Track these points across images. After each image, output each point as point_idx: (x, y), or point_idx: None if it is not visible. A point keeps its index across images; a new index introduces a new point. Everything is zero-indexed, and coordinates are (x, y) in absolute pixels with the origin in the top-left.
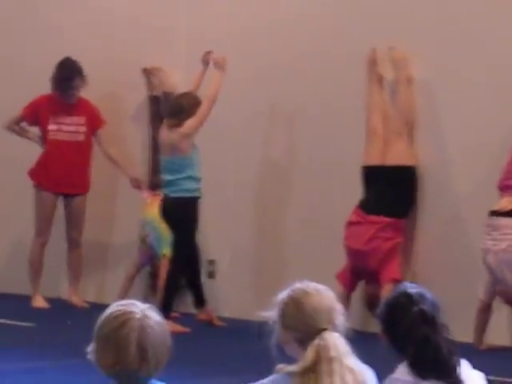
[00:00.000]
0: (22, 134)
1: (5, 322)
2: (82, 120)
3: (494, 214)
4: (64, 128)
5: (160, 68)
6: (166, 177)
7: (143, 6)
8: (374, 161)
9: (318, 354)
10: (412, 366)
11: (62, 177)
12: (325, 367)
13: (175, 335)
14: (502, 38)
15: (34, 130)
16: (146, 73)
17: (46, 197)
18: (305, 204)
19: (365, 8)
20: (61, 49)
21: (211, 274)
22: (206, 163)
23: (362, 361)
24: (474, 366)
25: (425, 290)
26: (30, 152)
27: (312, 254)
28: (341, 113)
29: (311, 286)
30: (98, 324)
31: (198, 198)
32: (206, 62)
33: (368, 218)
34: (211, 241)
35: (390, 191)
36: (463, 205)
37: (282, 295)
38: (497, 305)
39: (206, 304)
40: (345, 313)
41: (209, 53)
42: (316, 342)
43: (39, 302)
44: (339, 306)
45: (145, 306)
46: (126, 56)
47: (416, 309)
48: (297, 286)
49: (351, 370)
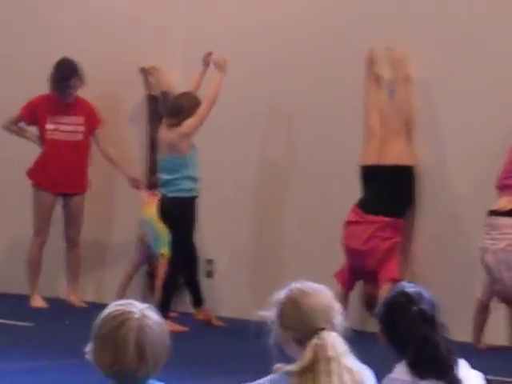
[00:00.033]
0: (20, 133)
1: (3, 321)
2: (80, 120)
3: (493, 213)
4: (62, 127)
5: (158, 67)
6: (163, 176)
7: (141, 6)
8: (372, 160)
9: (316, 353)
10: (411, 365)
11: (60, 176)
12: (323, 367)
13: (173, 335)
14: (501, 37)
15: (32, 130)
16: (143, 72)
17: (45, 196)
18: (303, 204)
19: (364, 8)
20: (59, 49)
21: (209, 274)
22: (205, 163)
23: (360, 360)
24: (472, 365)
25: (423, 290)
26: (28, 152)
27: (310, 253)
28: (340, 113)
29: (309, 285)
30: (96, 324)
31: (195, 197)
32: (206, 63)
33: (366, 217)
34: (209, 240)
35: (388, 191)
36: (461, 204)
37: (280, 295)
38: (494, 304)
39: (203, 303)
40: (343, 312)
41: (210, 54)
42: (314, 341)
43: (37, 302)
44: (337, 306)
45: (143, 305)
46: (124, 55)
47: (415, 308)
48: (295, 285)
49: (349, 370)
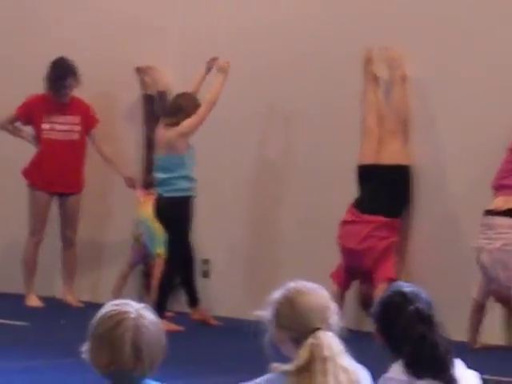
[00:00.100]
0: (15, 133)
1: None
2: (76, 119)
3: (489, 213)
4: (57, 127)
5: (153, 67)
6: (159, 175)
7: (138, 6)
8: (369, 160)
9: (312, 353)
10: (407, 365)
11: (55, 176)
12: (319, 366)
13: (169, 334)
14: (499, 37)
15: (28, 130)
16: (139, 72)
17: (40, 196)
18: (300, 204)
19: (362, 8)
20: (55, 49)
21: (205, 274)
22: (202, 162)
23: (356, 360)
24: (468, 365)
25: (419, 289)
26: (24, 151)
27: (307, 253)
28: (338, 113)
29: (305, 285)
30: (92, 323)
31: (191, 197)
32: (209, 68)
33: (363, 217)
34: (206, 240)
35: (385, 190)
36: (458, 204)
37: (276, 294)
38: (490, 304)
39: (199, 303)
40: (339, 312)
41: (214, 59)
42: (310, 341)
43: (33, 301)
44: (333, 305)
45: (139, 305)
46: (120, 55)
47: (412, 308)
48: (291, 285)
49: (345, 370)
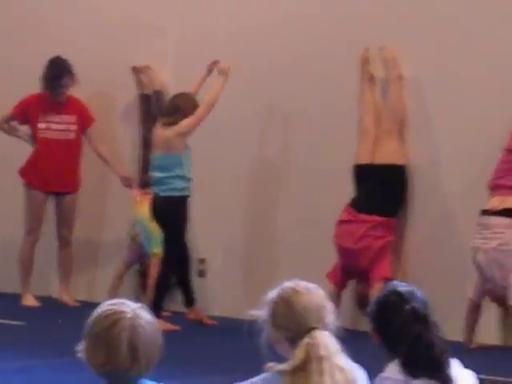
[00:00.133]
0: (11, 132)
1: None
2: (72, 118)
3: (485, 213)
4: (53, 126)
5: (149, 66)
6: (155, 174)
7: (134, 6)
8: (365, 159)
9: (308, 352)
10: (404, 364)
11: (52, 175)
12: (315, 366)
13: (166, 334)
14: (495, 38)
15: (24, 129)
16: (136, 71)
17: (37, 195)
18: (297, 203)
19: (361, 8)
20: (51, 48)
21: (201, 273)
22: (200, 162)
23: (352, 359)
24: (464, 364)
25: (415, 289)
26: (20, 151)
27: (303, 253)
28: (336, 113)
29: (301, 284)
30: (88, 323)
31: (187, 197)
32: (210, 70)
33: (359, 216)
34: (202, 239)
35: (381, 190)
36: (454, 204)
37: (272, 294)
38: (486, 304)
39: (195, 303)
40: (335, 311)
41: (215, 62)
42: (306, 340)
43: (29, 301)
44: (329, 305)
45: (136, 305)
46: (117, 55)
47: (408, 307)
48: (287, 284)
49: (341, 369)
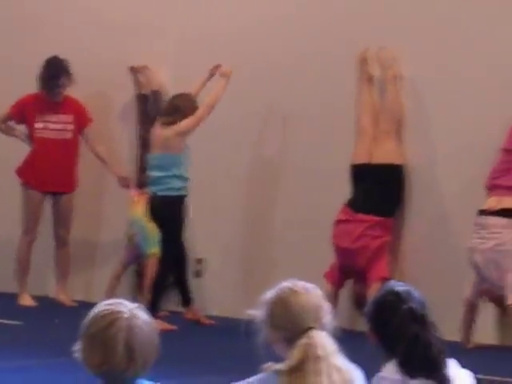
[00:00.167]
0: (8, 132)
1: None
2: (69, 118)
3: (482, 213)
4: (50, 126)
5: (147, 66)
6: (153, 173)
7: (131, 6)
8: (363, 159)
9: (305, 352)
10: (401, 364)
11: (49, 175)
12: (312, 366)
13: (163, 333)
14: (492, 37)
15: (21, 129)
16: (134, 71)
17: (34, 195)
18: (295, 203)
19: (360, 8)
20: (48, 48)
21: (199, 273)
22: (198, 162)
23: (349, 359)
24: (461, 364)
25: (412, 289)
26: (17, 150)
27: (301, 253)
28: (334, 113)
29: (298, 284)
30: (85, 323)
31: (184, 196)
32: (211, 74)
33: (356, 216)
34: (200, 239)
35: (378, 190)
36: (451, 204)
37: (270, 294)
38: (483, 304)
39: (192, 303)
40: (332, 311)
41: (217, 66)
42: (303, 340)
43: (26, 301)
44: (327, 305)
45: (133, 305)
46: (114, 54)
47: (405, 307)
48: (284, 284)
49: (338, 369)
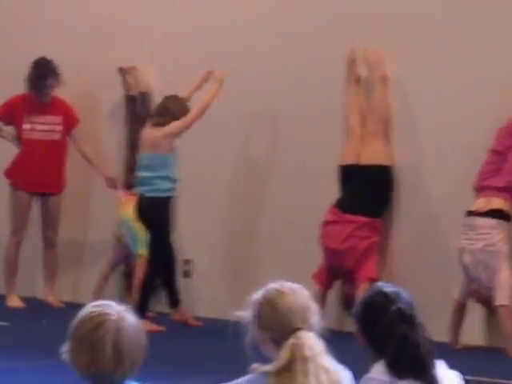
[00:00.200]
0: None
1: None
2: (57, 119)
3: (470, 214)
4: (38, 127)
5: (135, 67)
6: (141, 174)
7: (120, 6)
8: (351, 160)
9: (293, 353)
10: (390, 365)
11: (36, 176)
12: (300, 367)
13: (150, 334)
14: (479, 38)
15: (9, 130)
16: (122, 72)
17: (22, 196)
18: (282, 204)
19: (345, 8)
20: (36, 48)
21: (187, 274)
22: (184, 162)
23: (337, 360)
24: (449, 365)
25: (400, 289)
26: (5, 151)
27: (289, 253)
28: (321, 113)
29: (286, 285)
30: (73, 325)
31: (172, 197)
32: (205, 79)
33: (344, 217)
34: (188, 240)
35: (366, 190)
36: (439, 205)
37: (257, 295)
38: (471, 305)
39: (180, 304)
40: (320, 312)
41: (210, 72)
42: (291, 341)
43: (14, 302)
44: (314, 306)
45: (120, 307)
46: (103, 55)
47: (394, 308)
48: (271, 285)
49: (326, 370)
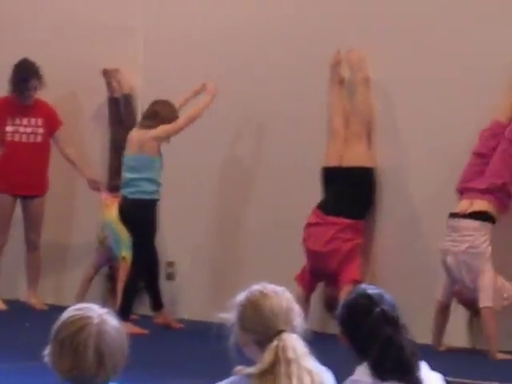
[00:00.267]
0: None
1: None
2: (40, 121)
3: (454, 216)
4: (21, 129)
5: (119, 70)
6: (126, 175)
7: (102, 7)
8: (334, 162)
9: (276, 355)
10: (373, 367)
11: (19, 178)
12: (283, 369)
13: (134, 337)
14: (463, 39)
15: None
16: (106, 74)
17: (4, 199)
18: (266, 205)
19: (333, 10)
20: (19, 50)
21: (170, 276)
22: (167, 164)
23: (320, 362)
24: (432, 367)
25: (383, 291)
26: None
27: (272, 255)
28: (306, 114)
29: (269, 287)
30: (54, 328)
31: (156, 200)
32: (196, 92)
33: (327, 218)
34: (171, 242)
35: (349, 192)
36: (421, 207)
37: (240, 297)
38: (454, 306)
39: (163, 307)
40: (303, 314)
41: (203, 86)
42: (274, 343)
43: None
44: (297, 308)
45: (102, 310)
46: (86, 57)
47: (378, 309)
48: (254, 287)
49: (309, 372)
